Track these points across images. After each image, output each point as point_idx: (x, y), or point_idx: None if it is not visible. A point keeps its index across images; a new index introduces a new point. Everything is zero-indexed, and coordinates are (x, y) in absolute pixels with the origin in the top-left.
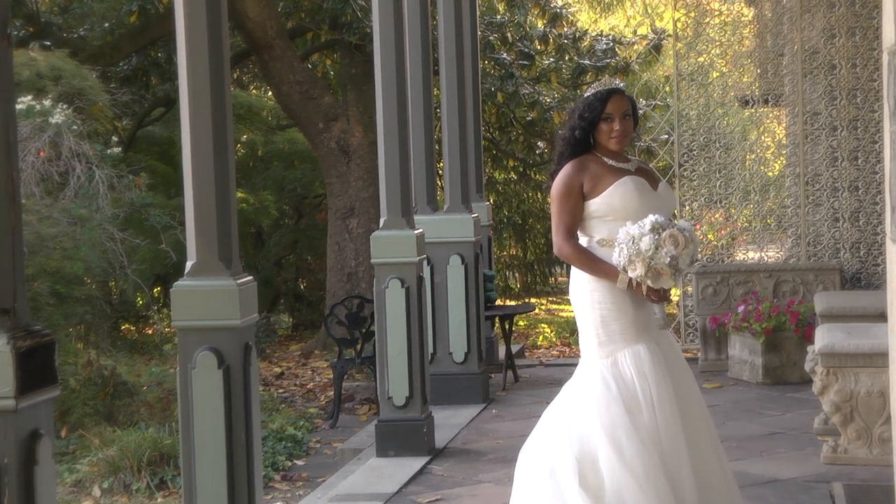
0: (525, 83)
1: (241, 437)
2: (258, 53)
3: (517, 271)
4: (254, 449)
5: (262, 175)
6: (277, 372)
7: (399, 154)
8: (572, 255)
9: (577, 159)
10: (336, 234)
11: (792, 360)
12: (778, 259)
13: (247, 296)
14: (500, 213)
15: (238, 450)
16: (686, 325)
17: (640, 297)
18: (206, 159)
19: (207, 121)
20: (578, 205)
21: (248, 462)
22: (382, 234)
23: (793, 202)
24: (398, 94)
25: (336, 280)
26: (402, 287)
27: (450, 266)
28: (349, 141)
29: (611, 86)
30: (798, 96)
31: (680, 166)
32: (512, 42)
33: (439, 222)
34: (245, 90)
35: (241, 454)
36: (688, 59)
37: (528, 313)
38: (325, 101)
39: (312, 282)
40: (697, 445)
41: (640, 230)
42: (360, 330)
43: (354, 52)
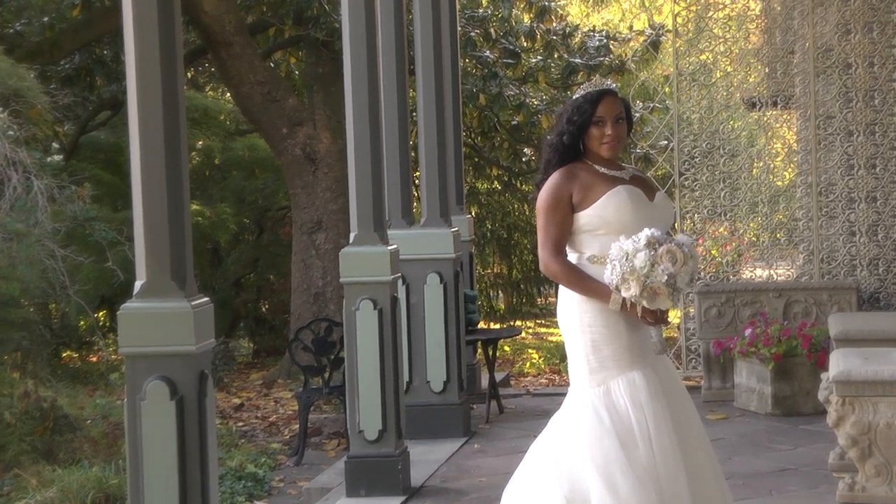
0: (510, 84)
1: (195, 476)
2: (215, 51)
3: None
4: (210, 489)
5: (220, 185)
6: (236, 403)
7: (371, 162)
8: (560, 273)
9: (565, 167)
10: (301, 250)
11: (804, 389)
12: (788, 277)
13: (202, 319)
14: (482, 227)
15: (192, 490)
16: (687, 349)
17: (634, 320)
18: (157, 168)
19: (159, 125)
20: (567, 217)
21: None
22: (353, 251)
23: (804, 214)
24: (370, 95)
25: (301, 301)
26: (374, 309)
27: (427, 285)
28: (316, 147)
29: (602, 86)
30: (810, 98)
31: (680, 175)
32: (496, 38)
33: (415, 237)
34: (201, 91)
35: (195, 495)
36: (689, 57)
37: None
38: (290, 104)
39: (275, 303)
40: (699, 483)
41: (635, 245)
42: (329, 356)
43: (322, 49)
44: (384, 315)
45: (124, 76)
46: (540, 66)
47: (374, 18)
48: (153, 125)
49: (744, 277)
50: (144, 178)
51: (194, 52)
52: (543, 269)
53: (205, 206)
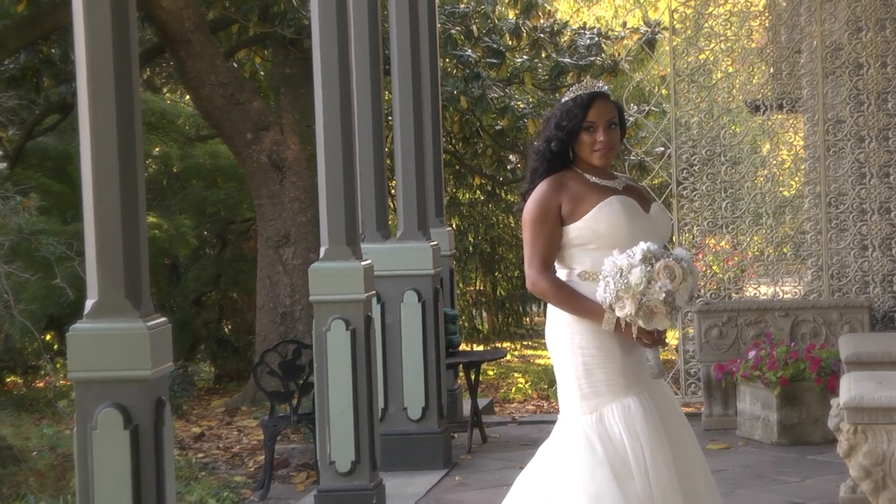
0: (494, 85)
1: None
2: (173, 50)
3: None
4: None
5: (179, 196)
6: (196, 433)
7: (343, 170)
8: (549, 291)
9: (553, 176)
10: (267, 266)
11: (813, 416)
12: (795, 295)
13: (159, 341)
14: (464, 241)
15: None
16: (686, 373)
17: (629, 341)
18: (110, 177)
19: (112, 130)
20: (556, 230)
21: None
22: (323, 267)
23: (813, 227)
24: (342, 98)
25: (267, 321)
26: (346, 329)
27: (404, 304)
28: (283, 154)
29: (593, 89)
30: (818, 101)
31: (678, 184)
32: (478, 37)
33: (391, 252)
34: (157, 94)
35: None
36: (687, 56)
37: (499, 360)
38: (254, 107)
39: (239, 324)
40: None
41: (630, 261)
42: (297, 381)
43: (289, 48)
44: (357, 336)
45: (74, 77)
46: (526, 67)
47: (346, 15)
48: (106, 130)
49: (747, 295)
50: (96, 187)
51: (150, 51)
52: (530, 286)
53: (162, 219)
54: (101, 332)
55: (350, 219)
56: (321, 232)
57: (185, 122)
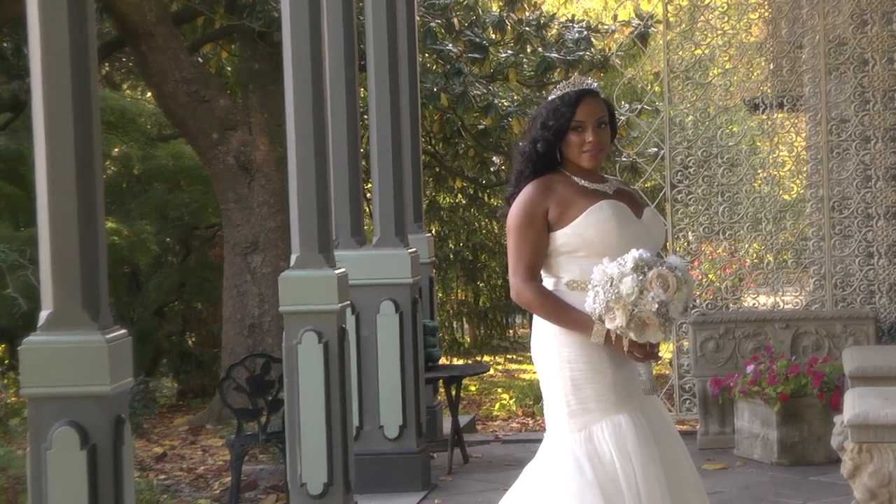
0: (476, 82)
1: None
2: (134, 44)
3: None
4: None
5: (140, 199)
6: (158, 453)
7: (315, 172)
8: (534, 301)
9: (540, 179)
10: (234, 274)
11: (815, 434)
12: (797, 305)
13: (118, 355)
14: (444, 248)
15: None
16: (681, 389)
17: (620, 355)
18: (66, 179)
19: (68, 129)
20: (542, 237)
21: None
22: (294, 275)
23: (815, 233)
24: (314, 95)
25: (234, 334)
26: (319, 342)
27: (381, 315)
28: (251, 155)
29: (582, 86)
30: (821, 99)
31: (672, 187)
32: (459, 30)
33: (367, 259)
34: (117, 90)
35: None
36: (682, 51)
37: (481, 375)
38: (221, 105)
39: (204, 336)
40: None
41: (621, 269)
42: (266, 398)
43: (258, 42)
44: (330, 349)
45: (27, 72)
46: (511, 62)
47: (318, 7)
48: (62, 129)
49: (745, 305)
50: (51, 190)
51: (109, 45)
52: (515, 296)
53: (122, 224)
54: (57, 346)
55: (323, 224)
56: (292, 238)
57: (146, 120)
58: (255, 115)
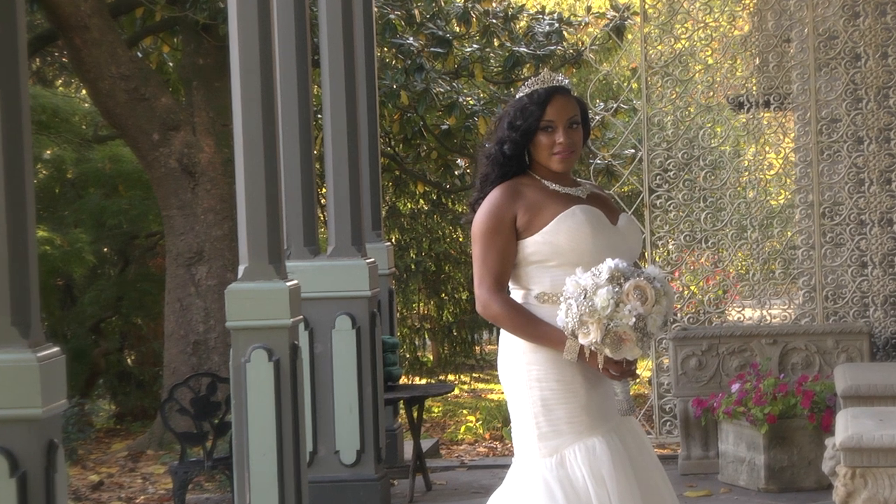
0: (439, 78)
1: None
2: (67, 37)
3: (430, 338)
4: None
5: (74, 206)
6: (95, 481)
7: (265, 176)
8: (502, 315)
9: (507, 183)
10: (177, 287)
11: (805, 458)
12: (785, 319)
13: (51, 374)
14: (405, 258)
15: None
16: (661, 410)
17: (595, 373)
18: None
19: None
20: (510, 245)
21: None
22: (242, 288)
23: (804, 241)
24: (263, 93)
25: (177, 351)
26: (269, 360)
27: (336, 331)
28: (195, 158)
29: (552, 83)
30: (810, 97)
31: (651, 192)
32: (421, 22)
33: (321, 270)
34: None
35: None
36: (661, 45)
37: (446, 395)
38: (162, 104)
39: (144, 354)
40: None
41: (595, 280)
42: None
43: (202, 35)
44: (282, 368)
45: None
46: (476, 57)
47: None
48: None
49: (730, 320)
50: None
51: (41, 38)
52: (481, 309)
53: (54, 233)
54: None
55: (273, 232)
56: (240, 247)
57: (81, 120)
58: (199, 115)
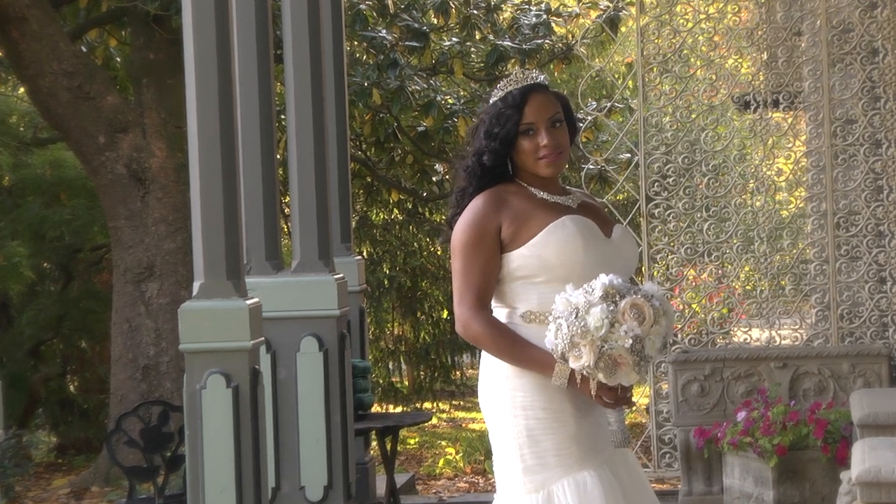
0: (415, 75)
1: None
2: (3, 29)
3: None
4: None
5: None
6: None
7: (223, 183)
8: (484, 335)
9: (491, 190)
10: (126, 305)
11: (818, 493)
12: (796, 340)
13: None
14: (378, 273)
15: None
16: (659, 440)
17: (586, 400)
18: None
19: None
20: (494, 259)
21: None
22: (197, 307)
23: (817, 254)
24: (221, 91)
25: (125, 377)
26: (227, 387)
27: (301, 354)
28: (146, 163)
29: (526, 81)
30: (823, 95)
31: (648, 201)
32: (395, 14)
33: (285, 287)
34: None
35: None
36: (659, 39)
37: (422, 425)
38: (109, 103)
39: (88, 380)
40: None
41: (588, 298)
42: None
43: (153, 27)
44: (241, 395)
45: None
46: (456, 51)
47: None
48: None
49: (736, 341)
50: None
51: None
52: (461, 330)
53: None
54: None
55: (231, 245)
56: (194, 262)
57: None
58: (149, 115)
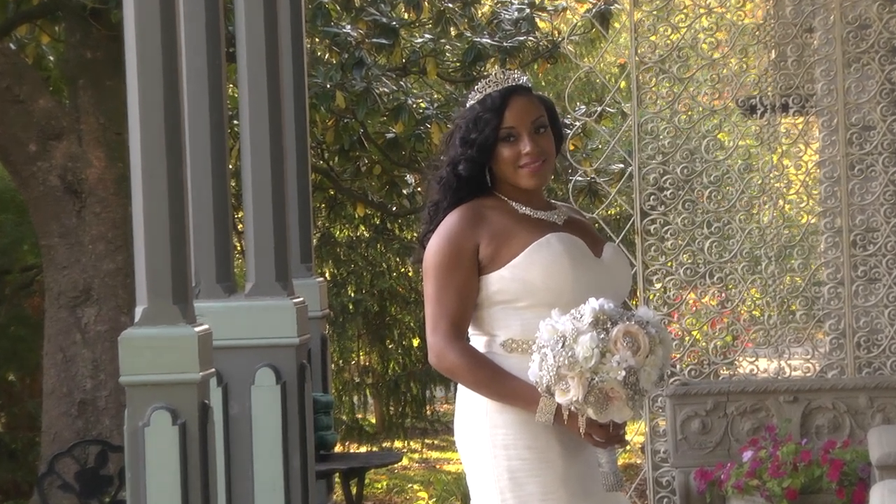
0: (383, 76)
1: None
2: None
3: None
4: None
5: None
6: None
7: (168, 196)
8: (460, 367)
9: (468, 205)
10: (59, 333)
11: None
12: (808, 372)
13: None
14: (342, 297)
15: None
16: (656, 483)
17: (575, 439)
18: None
19: None
20: (471, 281)
21: None
22: (139, 334)
23: (831, 276)
24: (166, 94)
25: (59, 413)
26: (173, 424)
27: (256, 387)
28: (82, 174)
29: (507, 83)
30: (837, 99)
31: (643, 216)
32: (361, 8)
33: (237, 313)
34: None
35: None
36: (655, 36)
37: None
38: (41, 107)
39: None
40: None
41: (576, 325)
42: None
43: (90, 22)
44: (189, 433)
45: None
46: (429, 50)
47: None
48: None
49: (741, 372)
50: None
51: None
52: (435, 360)
53: None
54: None
55: (178, 266)
56: (137, 285)
57: None
58: (86, 120)
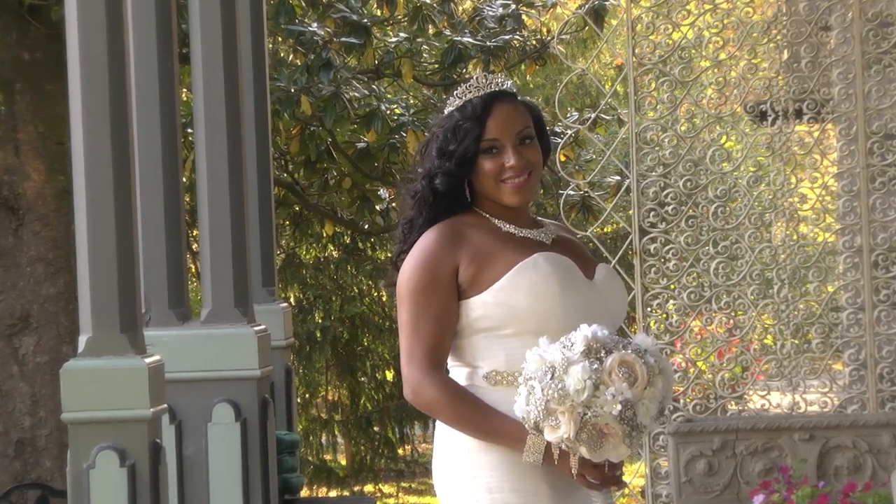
0: (354, 79)
1: None
2: None
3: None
4: None
5: None
6: None
7: (115, 213)
8: (438, 402)
9: (446, 222)
10: None
11: None
12: (825, 406)
13: None
14: (308, 324)
15: None
16: None
17: (566, 480)
18: None
19: None
20: (450, 307)
21: None
22: (83, 366)
23: (850, 300)
24: (113, 99)
25: None
26: (121, 466)
27: (213, 425)
28: (19, 188)
29: (490, 88)
30: (856, 104)
31: (643, 234)
32: (328, 4)
33: (192, 342)
34: None
35: None
36: (655, 35)
37: None
38: None
39: None
40: None
41: (566, 354)
42: None
43: (28, 20)
44: (139, 476)
45: None
46: (404, 50)
47: None
48: None
49: (751, 407)
50: None
51: None
52: (411, 395)
53: None
54: None
55: (126, 290)
56: (80, 311)
57: None
58: (23, 128)
